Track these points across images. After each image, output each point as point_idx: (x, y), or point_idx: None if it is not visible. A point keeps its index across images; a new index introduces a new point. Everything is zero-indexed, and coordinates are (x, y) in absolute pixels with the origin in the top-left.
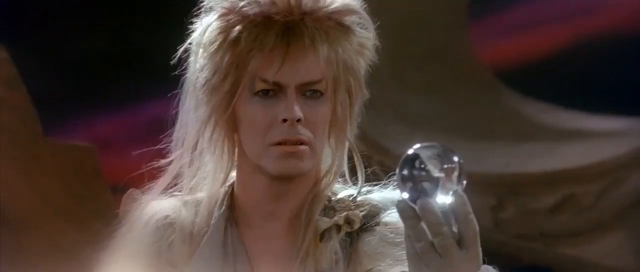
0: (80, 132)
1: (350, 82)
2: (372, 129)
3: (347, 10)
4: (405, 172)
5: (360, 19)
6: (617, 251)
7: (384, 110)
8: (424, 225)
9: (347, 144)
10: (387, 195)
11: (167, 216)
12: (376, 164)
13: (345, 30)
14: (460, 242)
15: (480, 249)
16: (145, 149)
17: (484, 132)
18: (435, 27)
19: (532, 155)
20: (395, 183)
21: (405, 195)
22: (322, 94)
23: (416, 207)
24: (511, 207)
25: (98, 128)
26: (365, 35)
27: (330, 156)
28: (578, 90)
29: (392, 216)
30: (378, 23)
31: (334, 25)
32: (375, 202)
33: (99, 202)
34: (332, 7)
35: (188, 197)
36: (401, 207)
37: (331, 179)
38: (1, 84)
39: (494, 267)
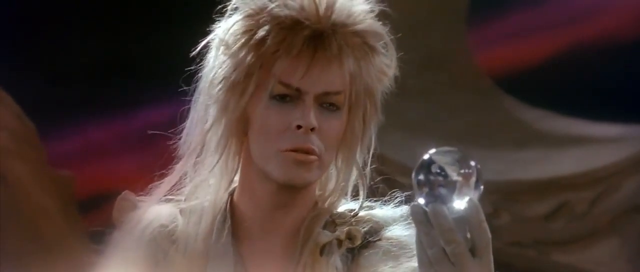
0: (74, 138)
1: (366, 104)
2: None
3: (374, 33)
4: (421, 176)
5: (384, 45)
6: (611, 258)
7: (382, 117)
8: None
9: (354, 166)
10: (389, 212)
11: (164, 225)
12: (373, 172)
13: (371, 50)
14: (472, 250)
15: (492, 258)
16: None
17: (481, 139)
18: (433, 34)
19: (528, 162)
20: (397, 200)
21: (421, 200)
22: (338, 108)
23: (429, 213)
24: (506, 214)
25: (91, 134)
26: (387, 63)
27: (335, 175)
28: (575, 97)
29: (394, 231)
30: (400, 55)
31: (361, 44)
32: (377, 219)
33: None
34: (361, 25)
35: (184, 205)
36: (415, 210)
37: (334, 200)
38: (14, 119)
39: None
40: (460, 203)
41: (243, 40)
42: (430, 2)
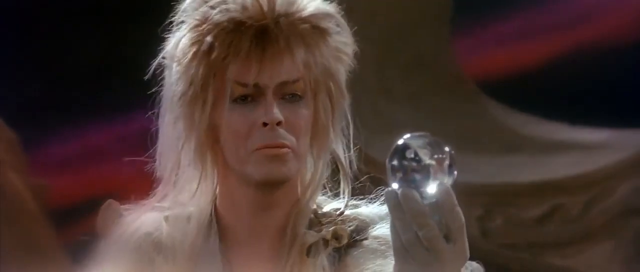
0: (72, 141)
1: (330, 87)
2: (358, 138)
3: (322, 14)
4: (395, 162)
5: (336, 24)
6: (605, 261)
7: (370, 120)
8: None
9: (329, 152)
10: (375, 210)
11: (149, 233)
12: (363, 175)
13: (321, 33)
14: (446, 235)
15: (466, 242)
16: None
17: (470, 143)
18: (419, 38)
19: (519, 166)
20: (383, 198)
21: (395, 185)
22: (301, 97)
23: (399, 197)
24: (499, 217)
25: (89, 137)
26: (343, 40)
27: (313, 165)
28: (563, 102)
29: (381, 230)
30: (355, 29)
31: (310, 29)
32: (363, 217)
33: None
34: (307, 11)
35: (168, 212)
36: (389, 196)
37: (314, 189)
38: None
39: (478, 263)
40: (434, 188)
41: (191, 53)
42: (417, 7)
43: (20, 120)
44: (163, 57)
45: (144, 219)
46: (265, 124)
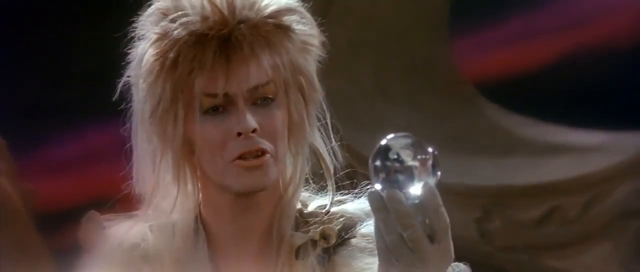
0: (71, 143)
1: (301, 82)
2: (356, 141)
3: (284, 10)
4: (377, 162)
5: (300, 17)
6: (603, 263)
7: (368, 123)
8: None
9: (307, 147)
10: (361, 206)
11: (135, 244)
12: (360, 176)
13: (284, 31)
14: (431, 235)
15: (451, 243)
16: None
17: (467, 145)
18: (417, 41)
19: (517, 168)
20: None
21: (378, 186)
22: (272, 99)
23: (384, 198)
24: (497, 219)
25: (88, 139)
26: (309, 33)
27: (291, 162)
28: (561, 104)
29: (368, 228)
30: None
31: (273, 28)
32: (349, 214)
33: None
34: (268, 10)
35: (152, 222)
36: (372, 197)
37: (296, 186)
38: None
39: (465, 264)
40: (418, 189)
41: (156, 70)
42: (415, 9)
43: (14, 123)
44: (128, 76)
45: (128, 229)
46: (239, 134)
